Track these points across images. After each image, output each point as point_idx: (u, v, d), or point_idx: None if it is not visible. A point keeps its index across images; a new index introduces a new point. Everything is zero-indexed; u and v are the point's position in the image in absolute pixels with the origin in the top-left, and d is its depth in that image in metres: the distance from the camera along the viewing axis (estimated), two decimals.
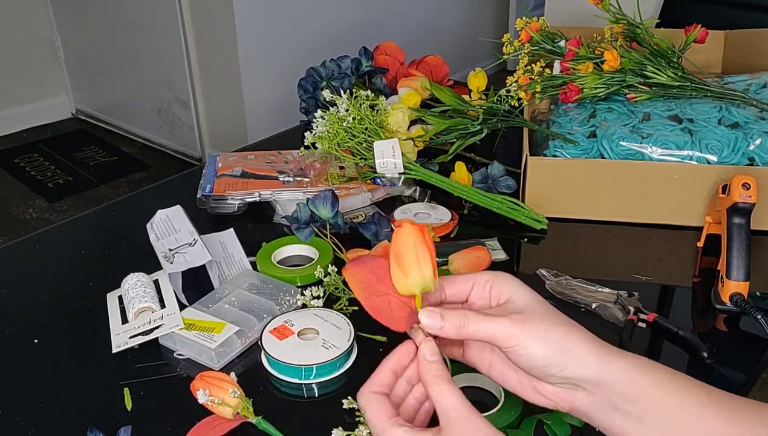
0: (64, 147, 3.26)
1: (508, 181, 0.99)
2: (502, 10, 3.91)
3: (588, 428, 0.63)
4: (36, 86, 3.41)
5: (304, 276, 0.83)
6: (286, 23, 2.77)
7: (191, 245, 0.83)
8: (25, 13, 3.29)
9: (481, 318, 0.48)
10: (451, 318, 0.48)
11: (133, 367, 0.71)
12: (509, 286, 0.50)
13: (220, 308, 0.76)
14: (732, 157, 0.91)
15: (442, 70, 1.25)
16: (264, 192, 0.96)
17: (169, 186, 1.17)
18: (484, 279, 0.51)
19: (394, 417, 0.47)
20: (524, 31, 1.08)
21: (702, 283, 0.85)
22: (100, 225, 1.03)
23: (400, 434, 0.45)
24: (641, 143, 0.93)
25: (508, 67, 1.12)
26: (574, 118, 1.00)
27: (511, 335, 0.47)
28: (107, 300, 0.80)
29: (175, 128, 3.10)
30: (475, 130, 1.06)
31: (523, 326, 0.47)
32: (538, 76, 1.03)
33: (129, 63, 3.15)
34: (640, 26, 1.04)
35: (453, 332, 0.48)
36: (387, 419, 0.47)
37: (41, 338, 0.76)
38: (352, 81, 1.17)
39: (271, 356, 0.69)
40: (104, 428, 0.62)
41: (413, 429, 0.46)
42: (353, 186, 0.98)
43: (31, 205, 2.80)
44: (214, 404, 0.61)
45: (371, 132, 0.98)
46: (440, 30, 3.46)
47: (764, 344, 0.74)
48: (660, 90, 0.99)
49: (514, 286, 0.50)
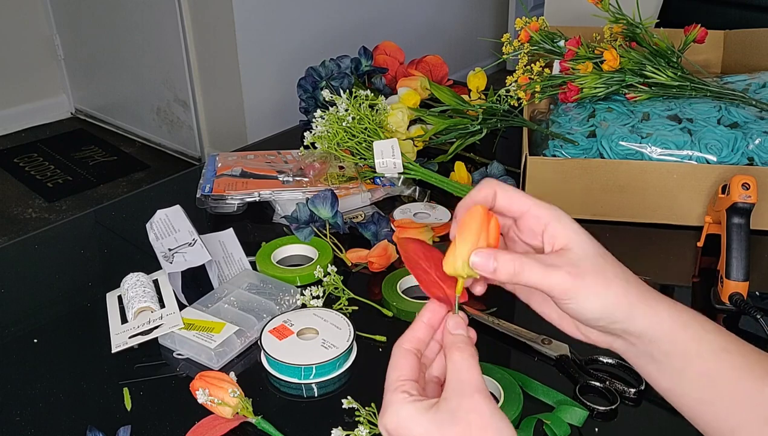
0: (64, 147, 3.26)
1: (508, 181, 0.99)
2: (502, 9, 3.91)
3: (588, 429, 0.63)
4: (35, 86, 3.41)
5: (303, 276, 0.83)
6: (285, 23, 2.77)
7: (191, 245, 0.83)
8: (24, 12, 3.29)
9: (537, 268, 0.44)
10: (506, 262, 0.44)
11: (133, 367, 0.71)
12: (567, 232, 0.46)
13: (220, 307, 0.76)
14: (731, 156, 0.92)
15: (441, 69, 1.25)
16: (263, 192, 0.96)
17: (168, 186, 1.17)
18: (540, 213, 0.47)
19: (405, 381, 0.44)
20: (524, 30, 1.08)
21: (702, 283, 0.85)
22: (100, 225, 1.03)
23: (397, 400, 0.43)
24: (641, 143, 0.93)
25: (507, 67, 1.12)
26: (573, 117, 1.00)
27: (568, 290, 0.44)
28: (107, 300, 0.80)
29: (175, 128, 3.10)
30: (475, 130, 1.06)
31: (581, 282, 0.44)
32: (537, 75, 1.03)
33: (128, 62, 3.15)
34: (639, 26, 1.04)
35: (505, 277, 0.45)
36: (397, 379, 0.44)
37: (41, 338, 0.76)
38: (352, 81, 1.17)
39: (270, 356, 0.69)
40: (104, 428, 0.62)
41: (410, 398, 0.43)
42: (353, 186, 0.98)
43: (30, 205, 2.80)
44: (214, 403, 0.61)
45: (371, 132, 0.98)
46: (440, 30, 3.46)
47: (764, 344, 0.73)
48: (659, 90, 0.99)
49: (573, 232, 0.46)
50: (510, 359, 0.73)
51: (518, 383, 0.65)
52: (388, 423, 0.43)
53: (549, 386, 0.66)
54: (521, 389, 0.65)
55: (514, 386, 0.65)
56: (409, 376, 0.45)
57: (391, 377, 0.45)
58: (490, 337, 0.74)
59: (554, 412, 0.63)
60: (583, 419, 0.62)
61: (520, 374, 0.67)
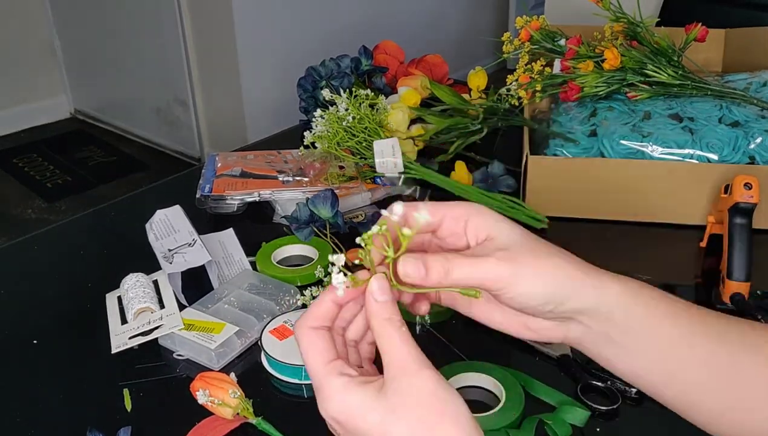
0: (63, 147, 3.26)
1: (509, 181, 0.99)
2: (502, 8, 3.91)
3: (590, 428, 0.62)
4: (34, 86, 3.41)
5: (303, 276, 0.83)
6: (285, 23, 2.77)
7: (190, 245, 0.83)
8: (24, 12, 3.29)
9: (466, 262, 0.42)
10: (435, 265, 0.41)
11: (133, 367, 0.71)
12: (488, 222, 0.44)
13: (220, 308, 0.76)
14: (732, 155, 0.91)
15: (441, 69, 1.25)
16: (263, 192, 0.96)
17: (168, 186, 1.16)
18: (458, 213, 0.44)
19: (333, 362, 0.41)
20: (524, 29, 1.08)
21: (704, 283, 0.85)
22: (99, 225, 1.03)
23: (339, 386, 0.40)
24: (642, 142, 0.93)
25: (508, 66, 1.12)
26: (574, 116, 1.00)
27: (500, 276, 0.41)
28: (106, 301, 0.80)
29: (174, 128, 3.10)
30: (475, 130, 1.05)
31: (513, 264, 0.42)
32: (538, 74, 1.03)
33: (128, 63, 3.15)
34: (640, 25, 1.04)
35: (436, 280, 0.41)
36: (325, 364, 0.41)
37: (40, 339, 0.76)
38: (352, 80, 1.17)
39: (271, 357, 0.68)
40: (104, 429, 0.62)
41: (352, 381, 0.40)
42: (353, 185, 0.98)
43: (30, 206, 2.80)
44: (214, 404, 0.61)
45: (371, 131, 0.98)
46: (440, 29, 3.46)
47: None
48: (660, 89, 0.99)
49: (494, 220, 0.44)
50: (511, 358, 0.72)
51: (520, 383, 0.65)
52: (336, 414, 0.40)
53: (550, 385, 0.66)
54: (523, 389, 0.64)
55: (516, 386, 0.64)
56: (334, 355, 0.42)
57: (315, 362, 0.42)
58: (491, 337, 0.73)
59: (556, 412, 0.63)
60: (585, 420, 0.62)
61: (521, 373, 0.67)
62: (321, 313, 0.43)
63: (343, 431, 0.41)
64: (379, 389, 0.40)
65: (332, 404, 0.40)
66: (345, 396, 0.40)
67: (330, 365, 0.41)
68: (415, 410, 0.39)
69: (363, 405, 0.40)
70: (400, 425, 0.39)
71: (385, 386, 0.40)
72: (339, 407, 0.40)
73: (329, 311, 0.43)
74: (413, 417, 0.39)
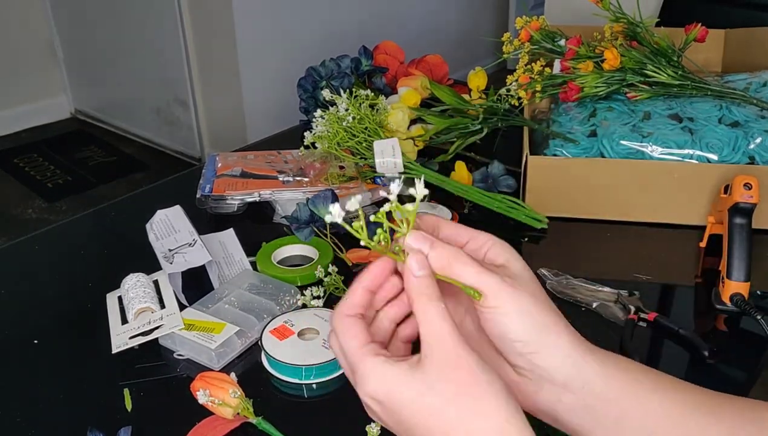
0: (63, 147, 3.26)
1: (509, 181, 0.99)
2: (502, 8, 3.91)
3: None
4: (35, 86, 3.41)
5: (304, 276, 0.83)
6: (285, 23, 2.77)
7: (191, 245, 0.83)
8: (24, 13, 3.29)
9: (473, 264, 0.43)
10: (442, 250, 0.43)
11: (133, 367, 0.71)
12: (507, 253, 0.45)
13: (220, 308, 0.76)
14: (732, 156, 0.91)
15: (441, 69, 1.25)
16: (264, 192, 0.96)
17: (168, 186, 1.16)
18: (482, 240, 0.46)
19: (368, 344, 0.42)
20: (524, 30, 1.08)
21: (703, 283, 0.85)
22: (100, 225, 1.03)
23: (376, 364, 0.41)
24: (642, 142, 0.93)
25: (508, 66, 1.12)
26: (574, 117, 1.00)
27: (498, 294, 0.42)
28: (107, 300, 0.80)
29: (175, 128, 3.10)
30: (475, 130, 1.05)
31: (513, 290, 0.42)
32: (538, 75, 1.03)
33: (128, 63, 3.15)
34: (640, 25, 1.04)
35: (438, 265, 0.42)
36: (361, 347, 0.42)
37: (41, 339, 0.76)
38: (352, 80, 1.17)
39: (271, 357, 0.68)
40: (104, 428, 0.62)
41: (390, 359, 0.41)
42: (353, 186, 0.98)
43: (30, 206, 2.80)
44: (215, 404, 0.61)
45: (371, 131, 0.98)
46: (440, 29, 3.46)
47: (764, 344, 0.73)
48: (660, 89, 0.99)
49: (512, 255, 0.46)
50: None
51: None
52: (375, 392, 0.41)
53: None
54: None
55: None
56: (368, 339, 0.42)
57: (351, 345, 0.42)
58: None
59: None
60: None
61: None
62: (356, 300, 0.44)
63: (380, 409, 0.41)
64: (415, 364, 0.40)
65: (370, 381, 0.41)
66: (382, 373, 0.40)
67: (366, 347, 0.42)
68: (453, 385, 0.39)
69: (400, 380, 0.40)
70: (439, 399, 0.39)
71: (422, 360, 0.40)
72: (376, 384, 0.40)
73: (362, 298, 0.44)
74: (451, 391, 0.39)
